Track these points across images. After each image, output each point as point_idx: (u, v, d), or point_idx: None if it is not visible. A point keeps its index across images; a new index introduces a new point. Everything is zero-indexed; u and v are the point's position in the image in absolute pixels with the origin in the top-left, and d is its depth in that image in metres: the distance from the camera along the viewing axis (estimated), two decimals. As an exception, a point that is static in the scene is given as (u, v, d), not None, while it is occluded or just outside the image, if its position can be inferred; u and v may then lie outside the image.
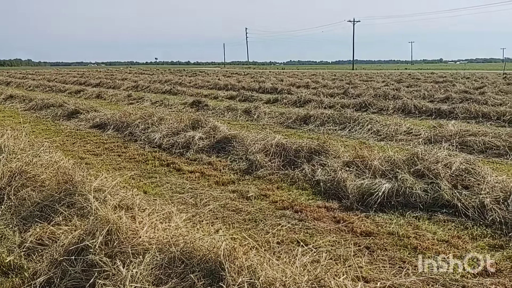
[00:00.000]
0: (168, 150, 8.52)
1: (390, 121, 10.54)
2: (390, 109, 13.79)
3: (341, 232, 4.56)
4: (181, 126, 9.48)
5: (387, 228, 4.64)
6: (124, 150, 8.70)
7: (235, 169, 7.08)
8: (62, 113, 13.63)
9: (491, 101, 14.63)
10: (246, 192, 5.90)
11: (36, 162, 5.44)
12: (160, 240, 3.32)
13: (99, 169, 5.95)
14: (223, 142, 8.35)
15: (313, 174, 6.31)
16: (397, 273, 3.67)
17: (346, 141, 9.21)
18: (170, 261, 3.09)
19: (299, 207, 5.27)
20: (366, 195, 5.31)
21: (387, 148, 6.90)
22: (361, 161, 6.10)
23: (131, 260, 3.12)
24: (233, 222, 4.86)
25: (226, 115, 13.50)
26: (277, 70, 66.18)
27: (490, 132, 8.67)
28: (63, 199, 4.45)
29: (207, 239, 3.21)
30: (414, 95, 17.44)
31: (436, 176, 5.45)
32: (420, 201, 5.19)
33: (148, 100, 17.78)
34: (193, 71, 56.50)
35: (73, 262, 3.37)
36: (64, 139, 10.11)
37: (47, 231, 4.04)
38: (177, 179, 6.63)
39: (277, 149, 7.27)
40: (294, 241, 4.23)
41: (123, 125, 10.56)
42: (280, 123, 11.97)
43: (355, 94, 18.49)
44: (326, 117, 11.33)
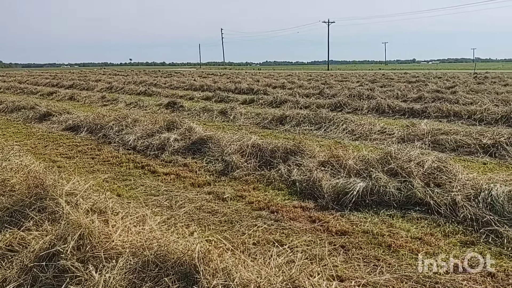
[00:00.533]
0: (143, 152, 8.42)
1: (365, 121, 10.66)
2: (364, 109, 13.96)
3: (317, 231, 4.59)
4: (156, 127, 9.39)
5: (362, 226, 4.69)
6: (97, 153, 8.55)
7: (211, 171, 7.05)
8: (33, 115, 13.34)
9: (462, 100, 14.96)
10: (222, 194, 5.87)
11: (5, 166, 5.31)
12: (134, 243, 3.27)
13: (71, 172, 5.82)
14: (198, 143, 8.30)
15: (289, 174, 6.33)
16: (372, 271, 3.71)
17: (321, 141, 9.27)
18: (144, 265, 3.04)
19: (275, 208, 5.28)
20: (341, 194, 5.36)
21: (362, 148, 6.98)
22: (336, 160, 6.15)
23: (104, 265, 3.06)
24: (208, 224, 4.83)
25: (202, 116, 13.43)
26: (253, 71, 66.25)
27: (461, 130, 8.86)
28: (34, 203, 4.34)
29: (182, 241, 3.17)
30: (388, 95, 17.71)
31: (409, 174, 5.53)
32: (393, 200, 5.26)
33: (123, 101, 17.54)
34: (168, 72, 56.04)
35: (44, 268, 3.29)
36: (36, 142, 9.88)
37: (17, 237, 3.92)
38: (152, 181, 6.55)
39: (253, 149, 7.26)
40: (270, 242, 4.23)
41: (96, 127, 10.38)
42: (256, 124, 11.98)
43: (330, 94, 18.66)
44: (302, 117, 11.39)
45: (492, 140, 7.97)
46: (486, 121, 11.43)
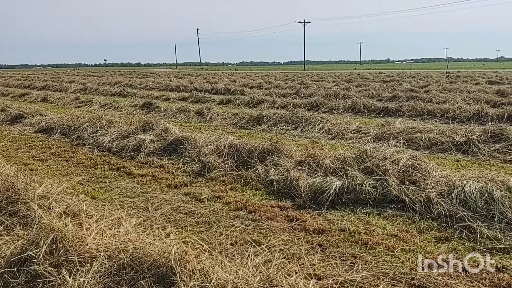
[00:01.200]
0: (118, 153, 8.30)
1: (341, 120, 10.75)
2: (340, 108, 14.08)
3: (294, 230, 4.59)
4: (131, 128, 9.27)
5: (339, 225, 4.72)
6: (71, 155, 8.39)
7: (188, 172, 6.99)
8: (4, 117, 13.02)
9: (435, 99, 15.25)
10: (199, 195, 5.83)
11: (-26, 170, 5.15)
12: (109, 246, 3.21)
13: (44, 175, 5.70)
14: (175, 144, 8.22)
15: (266, 174, 6.33)
16: (349, 269, 3.73)
17: (298, 140, 9.31)
18: (119, 268, 2.99)
19: (252, 208, 5.26)
20: (318, 193, 5.38)
21: (338, 147, 7.03)
22: (313, 160, 6.18)
23: (78, 269, 2.99)
24: (185, 225, 4.79)
25: (178, 117, 13.34)
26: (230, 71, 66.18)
27: (435, 129, 9.02)
28: (5, 207, 4.23)
29: (158, 243, 3.13)
30: (363, 94, 17.92)
31: (385, 172, 5.60)
32: (370, 197, 5.31)
33: (97, 102, 17.28)
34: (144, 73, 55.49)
35: (15, 273, 3.20)
36: (7, 144, 9.63)
37: (-13, 242, 3.81)
38: (128, 183, 6.46)
39: (230, 150, 7.24)
40: (247, 242, 4.22)
41: (70, 129, 10.19)
42: (233, 124, 11.95)
43: (307, 94, 18.77)
44: (278, 117, 11.41)
45: (464, 138, 8.13)
46: (458, 119, 11.67)
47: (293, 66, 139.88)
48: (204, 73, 55.90)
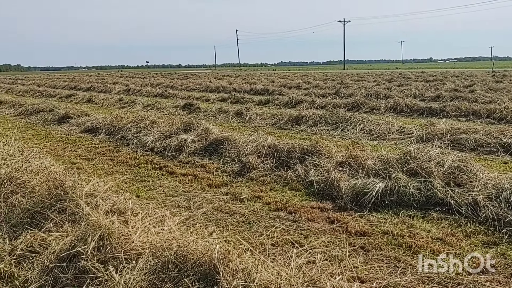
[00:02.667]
0: (161, 153, 8.46)
1: (382, 120, 10.54)
2: (382, 108, 13.84)
3: (336, 232, 4.54)
4: (173, 129, 9.43)
5: (382, 227, 4.63)
6: (116, 154, 8.63)
7: (228, 171, 7.05)
8: (52, 118, 13.51)
9: (481, 99, 14.74)
10: (239, 194, 5.86)
11: (26, 168, 5.37)
12: (154, 244, 3.28)
13: (90, 174, 5.88)
14: (215, 144, 8.31)
15: (306, 174, 6.30)
16: (392, 272, 3.66)
17: (338, 141, 9.20)
18: (163, 265, 3.04)
19: (292, 208, 5.25)
20: (360, 195, 5.30)
21: (380, 147, 6.90)
22: (354, 161, 6.10)
23: (124, 266, 3.07)
24: (226, 224, 4.83)
25: (217, 117, 13.45)
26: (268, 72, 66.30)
27: (481, 129, 8.71)
28: (54, 205, 4.38)
29: (201, 242, 3.17)
30: (405, 94, 17.54)
31: (429, 174, 5.45)
32: (413, 200, 5.19)
33: (140, 103, 17.67)
34: (184, 74, 56.36)
35: (64, 269, 3.32)
36: (55, 144, 10.01)
37: (38, 238, 3.97)
38: (170, 182, 6.58)
39: (269, 150, 7.24)
40: (288, 243, 4.21)
41: (115, 129, 10.48)
42: (272, 125, 11.95)
43: (346, 94, 18.55)
44: (318, 117, 11.33)
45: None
46: (506, 119, 11.23)
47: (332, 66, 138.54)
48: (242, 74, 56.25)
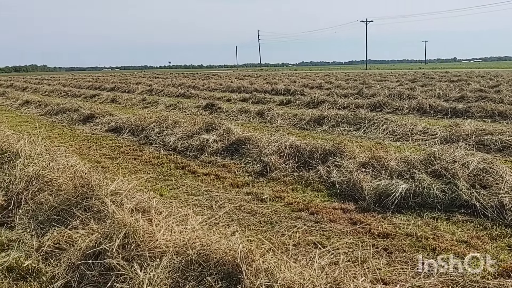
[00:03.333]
0: (183, 153, 8.54)
1: (406, 121, 10.42)
2: (405, 109, 13.67)
3: (358, 233, 4.51)
4: (195, 129, 9.50)
5: (405, 229, 4.58)
6: (139, 154, 8.75)
7: (249, 171, 7.07)
8: (77, 117, 13.77)
9: (507, 100, 14.41)
10: (261, 194, 5.88)
11: (52, 167, 5.50)
12: (177, 242, 3.32)
13: (115, 172, 5.98)
14: (236, 144, 8.34)
15: (328, 175, 6.27)
16: (416, 275, 3.62)
17: (361, 141, 9.13)
18: (187, 264, 3.08)
19: (314, 209, 5.23)
20: (383, 196, 5.25)
21: (404, 148, 6.82)
22: (377, 161, 6.05)
23: (148, 263, 3.12)
24: (248, 224, 4.85)
25: (239, 118, 13.49)
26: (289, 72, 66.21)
27: (507, 130, 8.52)
28: (80, 203, 4.48)
29: (224, 241, 3.19)
30: (429, 94, 17.29)
31: (454, 176, 5.37)
32: (437, 202, 5.11)
33: (163, 103, 17.85)
34: (206, 74, 56.72)
35: (90, 265, 3.39)
36: (80, 143, 10.21)
37: (65, 235, 4.06)
38: (192, 182, 6.64)
39: (291, 150, 7.23)
40: (310, 243, 4.20)
41: (138, 129, 10.62)
42: (293, 125, 11.93)
43: (369, 94, 18.39)
44: (340, 117, 11.26)
45: (541, 141, 7.63)
46: (534, 121, 10.97)
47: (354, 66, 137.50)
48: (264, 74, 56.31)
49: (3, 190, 5.42)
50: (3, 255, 4.09)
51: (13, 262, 3.90)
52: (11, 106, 19.96)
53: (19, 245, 4.21)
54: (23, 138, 6.73)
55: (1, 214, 4.99)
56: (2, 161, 6.29)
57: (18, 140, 6.75)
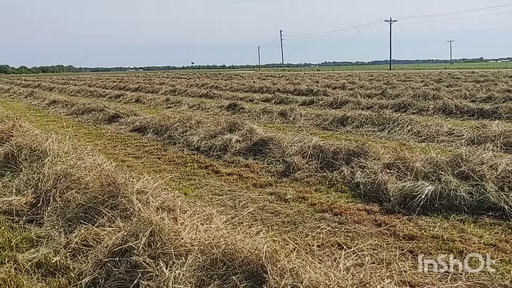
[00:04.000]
0: (206, 152, 8.60)
1: (431, 122, 10.28)
2: (430, 110, 13.45)
3: (383, 235, 4.47)
4: (218, 129, 9.55)
5: (431, 231, 4.51)
6: (163, 153, 8.84)
7: (272, 172, 7.07)
8: (103, 117, 13.99)
9: (537, 100, 14.05)
10: (284, 195, 5.87)
11: (80, 165, 5.61)
12: (202, 241, 3.35)
13: (140, 171, 6.05)
14: (259, 144, 8.35)
15: (352, 176, 6.22)
16: (443, 278, 3.56)
17: (385, 142, 9.03)
18: (212, 262, 3.10)
19: (338, 210, 5.20)
20: (408, 197, 5.18)
21: (429, 149, 6.71)
22: (402, 163, 5.97)
23: (174, 261, 3.15)
24: (272, 224, 4.85)
25: (262, 118, 13.50)
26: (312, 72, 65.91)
27: (537, 132, 8.30)
28: (107, 201, 4.56)
29: (248, 241, 3.20)
30: (455, 95, 16.97)
31: (481, 178, 5.26)
32: (464, 204, 5.02)
33: (186, 103, 17.99)
34: (228, 75, 56.93)
35: (117, 263, 3.44)
36: (106, 142, 10.38)
37: (92, 232, 4.13)
38: (216, 181, 6.68)
39: (314, 151, 7.21)
40: (334, 244, 4.18)
41: (162, 129, 10.73)
42: (316, 125, 11.88)
43: (393, 95, 18.17)
44: (364, 118, 11.16)
45: None
46: None
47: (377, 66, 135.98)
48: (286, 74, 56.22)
49: (32, 187, 5.55)
50: (32, 251, 4.20)
51: (42, 258, 3.99)
52: (38, 105, 20.43)
53: (48, 242, 4.31)
54: (51, 137, 6.88)
55: (30, 211, 5.11)
56: (31, 159, 6.44)
57: (46, 139, 6.90)
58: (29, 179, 5.72)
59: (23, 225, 4.83)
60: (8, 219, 4.99)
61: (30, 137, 7.37)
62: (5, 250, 4.25)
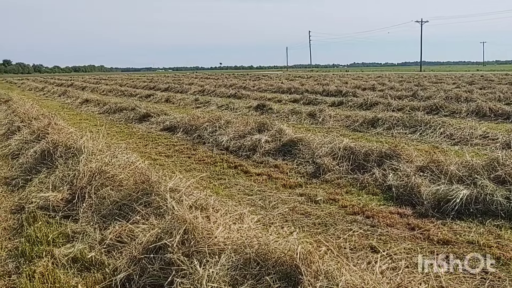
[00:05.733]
0: (235, 152, 8.63)
1: (464, 125, 10.03)
2: (463, 112, 13.14)
3: (417, 239, 4.39)
4: (247, 129, 9.58)
5: (466, 236, 4.41)
6: (193, 152, 8.93)
7: (302, 173, 7.04)
8: (134, 116, 14.23)
9: None
10: (314, 196, 5.84)
11: (114, 163, 5.72)
12: (235, 240, 3.36)
13: (171, 170, 6.13)
14: (289, 145, 8.33)
15: (384, 179, 6.14)
16: (480, 285, 3.48)
17: (417, 145, 8.87)
18: (245, 262, 3.11)
19: (370, 213, 5.14)
20: (443, 201, 5.08)
21: (464, 153, 6.56)
22: (436, 166, 5.86)
23: (207, 260, 3.18)
24: (302, 225, 4.83)
25: (290, 118, 13.46)
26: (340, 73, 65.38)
27: None
28: (140, 198, 4.63)
29: (281, 241, 3.20)
30: (489, 97, 16.52)
31: (520, 183, 5.11)
32: (501, 209, 4.88)
33: (214, 104, 18.11)
34: (256, 75, 57.03)
35: (151, 259, 3.49)
36: (137, 141, 10.55)
37: (126, 229, 4.21)
38: (245, 181, 6.69)
39: (345, 152, 7.14)
40: (367, 247, 4.13)
41: (191, 128, 10.83)
42: (346, 126, 11.77)
43: (424, 97, 17.83)
44: (395, 120, 10.99)
45: None
46: None
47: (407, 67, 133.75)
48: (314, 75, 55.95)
49: (67, 184, 5.69)
50: (68, 246, 4.30)
51: (78, 253, 4.08)
52: (71, 104, 20.94)
53: (83, 237, 4.40)
54: (86, 135, 7.04)
55: (66, 207, 5.24)
56: (66, 156, 6.60)
57: (81, 137, 7.07)
58: (64, 176, 5.86)
59: (59, 221, 4.95)
60: (45, 214, 5.13)
61: (65, 135, 7.56)
62: (42, 244, 4.36)
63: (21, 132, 9.86)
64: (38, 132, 8.66)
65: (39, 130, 8.72)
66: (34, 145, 7.86)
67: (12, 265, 4.05)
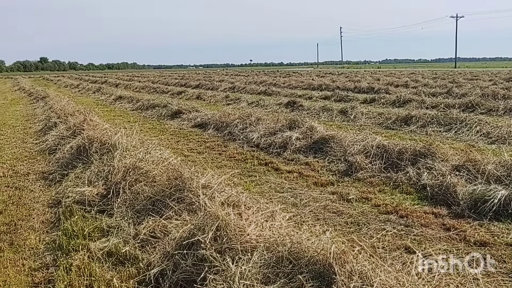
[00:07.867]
0: (266, 149, 8.63)
1: (502, 123, 9.72)
2: (500, 110, 12.73)
3: (452, 240, 4.28)
4: (277, 126, 9.56)
5: (505, 238, 4.27)
6: (224, 149, 8.97)
7: (333, 171, 6.97)
8: (166, 113, 14.41)
9: None
10: (346, 194, 5.77)
11: (147, 159, 5.80)
12: (267, 238, 3.36)
13: (203, 166, 6.17)
14: (320, 142, 8.26)
15: (418, 178, 6.01)
16: (520, 289, 3.36)
17: (452, 143, 8.65)
18: (277, 260, 3.10)
19: (404, 212, 5.04)
20: (480, 202, 4.93)
21: (502, 152, 6.35)
22: (472, 165, 5.70)
23: (240, 257, 3.18)
24: (334, 224, 4.78)
25: (321, 116, 13.35)
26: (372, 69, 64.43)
27: None
28: (173, 194, 4.68)
29: (314, 240, 3.17)
30: (528, 94, 15.95)
31: (562, 184, 4.92)
32: (542, 211, 4.71)
33: (245, 100, 18.15)
34: (286, 72, 56.83)
35: (184, 255, 3.52)
36: (169, 137, 10.68)
37: (159, 224, 4.26)
38: (276, 179, 6.68)
39: (377, 150, 7.03)
40: (401, 248, 4.06)
41: (222, 125, 10.90)
42: (378, 124, 11.59)
43: (459, 94, 17.37)
44: (429, 117, 10.75)
45: None
46: None
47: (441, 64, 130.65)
48: (345, 71, 55.34)
49: (102, 179, 5.81)
50: (103, 240, 4.39)
51: (113, 248, 4.16)
52: (105, 101, 21.39)
53: (118, 232, 4.49)
54: (120, 131, 7.17)
55: (101, 202, 5.36)
56: (101, 152, 6.75)
57: (115, 133, 7.20)
58: (99, 171, 5.99)
59: (95, 215, 5.07)
60: (81, 208, 5.26)
61: (100, 131, 7.72)
62: (78, 238, 4.47)
63: (57, 128, 10.15)
64: (74, 128, 8.89)
65: (75, 126, 8.95)
66: (70, 141, 8.07)
67: (49, 257, 4.17)
